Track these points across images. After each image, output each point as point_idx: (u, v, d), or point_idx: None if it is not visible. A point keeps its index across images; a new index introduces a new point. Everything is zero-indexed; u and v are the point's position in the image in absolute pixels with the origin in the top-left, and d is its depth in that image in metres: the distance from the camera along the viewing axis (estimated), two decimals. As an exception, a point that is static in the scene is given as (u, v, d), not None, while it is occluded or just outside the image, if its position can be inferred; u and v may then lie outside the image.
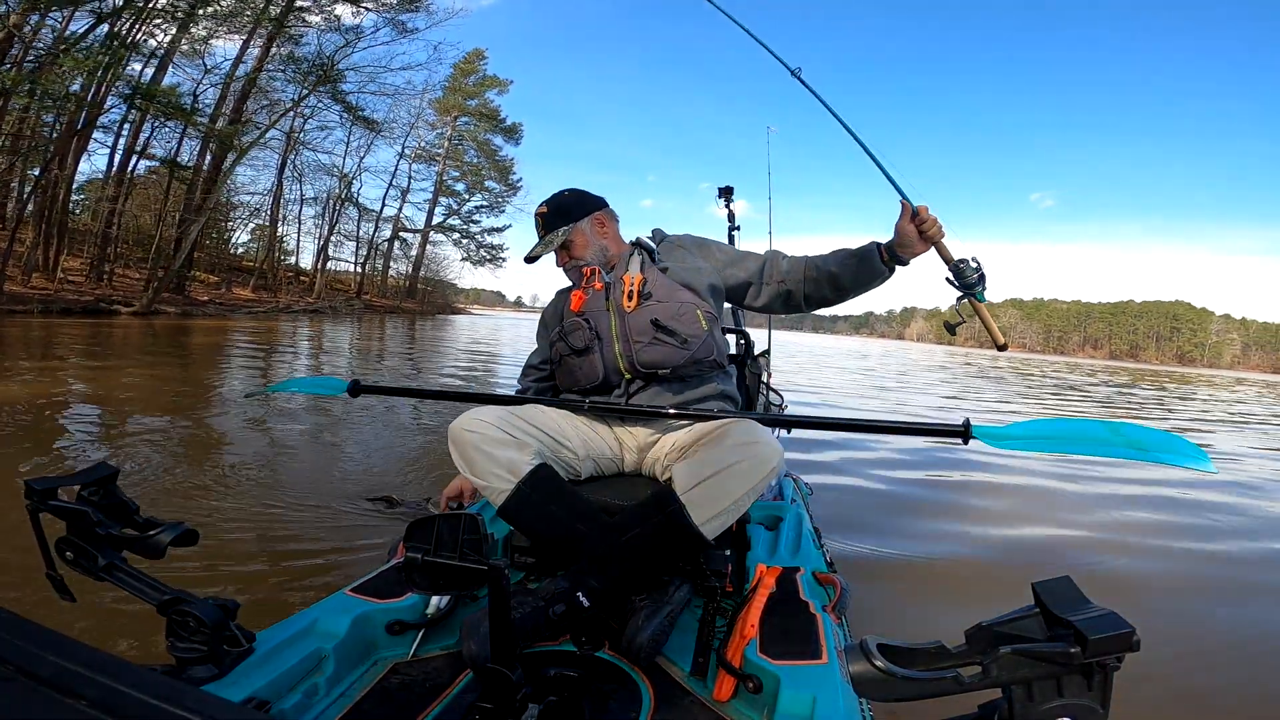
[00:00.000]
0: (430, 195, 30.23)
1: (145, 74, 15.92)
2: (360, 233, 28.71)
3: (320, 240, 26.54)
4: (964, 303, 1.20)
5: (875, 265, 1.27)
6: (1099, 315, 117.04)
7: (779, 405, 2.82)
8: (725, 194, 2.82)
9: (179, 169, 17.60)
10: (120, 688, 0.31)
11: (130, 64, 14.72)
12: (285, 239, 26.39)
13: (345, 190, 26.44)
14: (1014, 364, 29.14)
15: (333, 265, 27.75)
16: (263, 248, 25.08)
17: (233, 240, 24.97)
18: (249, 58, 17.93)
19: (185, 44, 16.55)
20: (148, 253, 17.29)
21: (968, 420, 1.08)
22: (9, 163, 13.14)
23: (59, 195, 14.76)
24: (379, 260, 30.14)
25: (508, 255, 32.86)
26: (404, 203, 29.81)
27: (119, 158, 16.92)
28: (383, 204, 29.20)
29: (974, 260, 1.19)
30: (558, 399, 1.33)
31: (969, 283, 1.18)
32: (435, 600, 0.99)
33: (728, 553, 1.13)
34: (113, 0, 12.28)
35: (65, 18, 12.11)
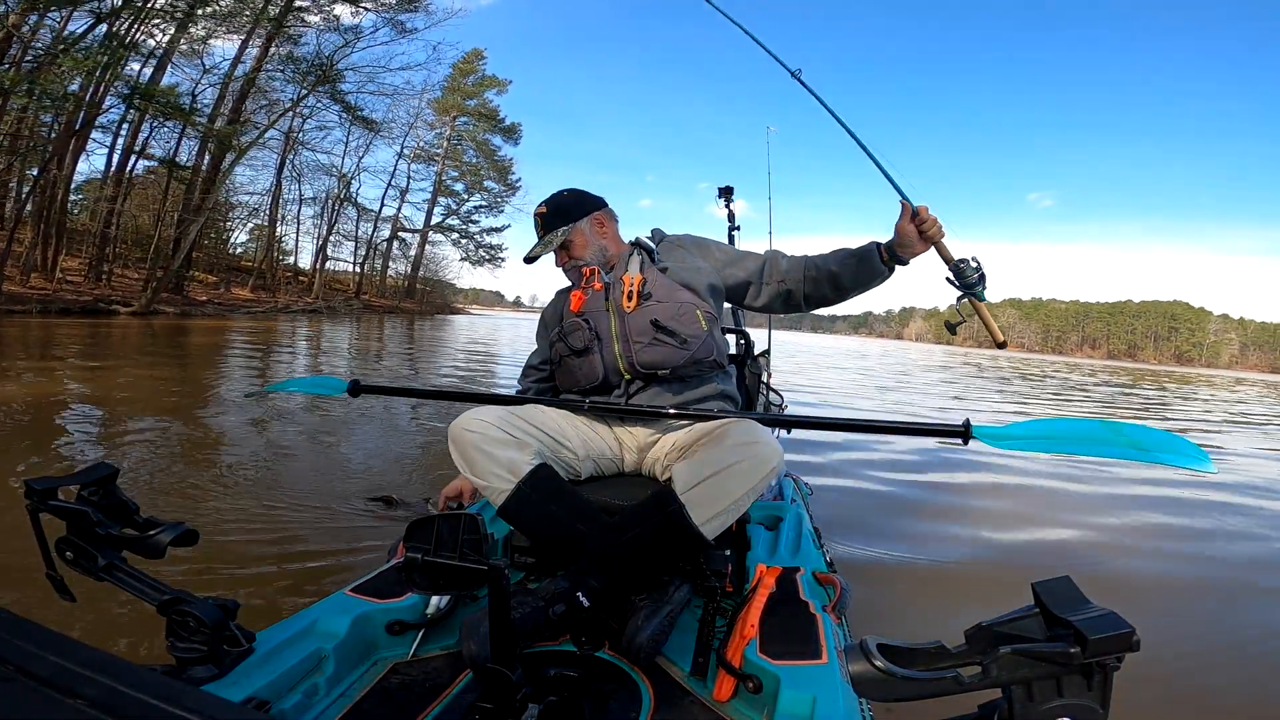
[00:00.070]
0: (429, 195, 30.25)
1: (144, 74, 15.96)
2: (359, 233, 28.80)
3: (319, 240, 26.57)
4: (964, 302, 1.21)
5: (875, 265, 1.28)
6: (1097, 315, 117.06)
7: (779, 405, 2.82)
8: (725, 194, 2.83)
9: (178, 169, 17.60)
10: (120, 688, 0.31)
11: (129, 64, 14.74)
12: (284, 239, 26.41)
13: (344, 190, 26.49)
14: (1014, 364, 29.16)
15: (331, 265, 27.82)
16: (261, 248, 25.07)
17: (231, 240, 25.01)
18: (248, 57, 17.97)
19: (184, 44, 16.56)
20: (146, 253, 17.28)
21: (968, 420, 1.08)
22: (8, 163, 13.12)
23: (58, 195, 14.77)
24: (378, 260, 30.17)
25: (506, 255, 32.89)
26: (403, 203, 29.87)
27: (118, 158, 16.98)
28: (381, 204, 29.27)
29: (974, 260, 1.19)
30: (558, 399, 1.33)
31: (969, 282, 1.19)
32: (435, 600, 0.99)
33: (728, 553, 1.12)
34: (111, 0, 12.28)
35: (64, 17, 12.12)
